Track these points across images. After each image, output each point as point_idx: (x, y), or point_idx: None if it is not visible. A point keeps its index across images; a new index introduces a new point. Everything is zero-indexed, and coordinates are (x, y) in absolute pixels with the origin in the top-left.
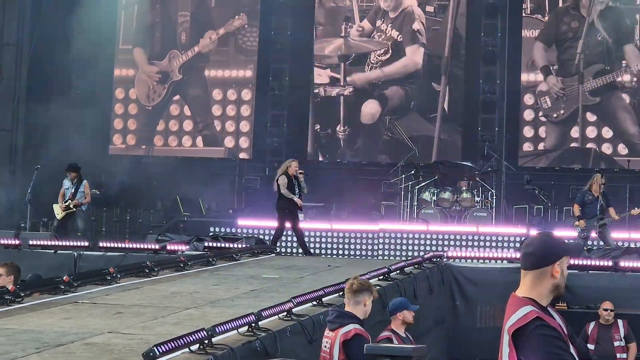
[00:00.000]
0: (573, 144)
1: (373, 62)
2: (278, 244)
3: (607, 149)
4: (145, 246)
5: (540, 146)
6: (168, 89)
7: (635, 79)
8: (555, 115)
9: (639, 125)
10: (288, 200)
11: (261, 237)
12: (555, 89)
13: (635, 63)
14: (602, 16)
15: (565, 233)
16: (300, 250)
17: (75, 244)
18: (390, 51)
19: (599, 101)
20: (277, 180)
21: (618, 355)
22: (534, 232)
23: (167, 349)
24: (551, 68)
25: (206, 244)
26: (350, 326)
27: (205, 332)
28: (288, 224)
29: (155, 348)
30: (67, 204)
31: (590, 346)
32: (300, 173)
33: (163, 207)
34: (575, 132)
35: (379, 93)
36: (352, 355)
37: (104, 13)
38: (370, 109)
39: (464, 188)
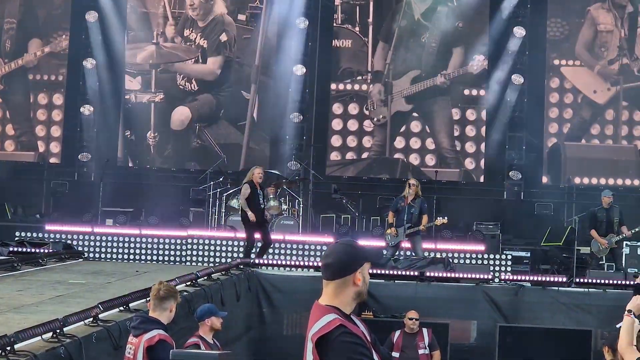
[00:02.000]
0: (381, 154)
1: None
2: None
3: (414, 159)
4: None
5: (349, 155)
6: None
7: (445, 89)
8: (376, 119)
9: (448, 135)
10: (253, 211)
11: (69, 242)
12: (378, 96)
13: (453, 69)
14: (427, 16)
15: (372, 242)
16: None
17: None
18: (200, 60)
19: (413, 108)
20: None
21: None
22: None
23: None
24: (384, 71)
25: (11, 249)
26: (154, 332)
27: (7, 339)
28: (257, 235)
29: None
30: None
31: (395, 354)
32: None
33: None
34: (385, 142)
35: (189, 100)
36: None
37: None
38: (180, 115)
39: (271, 196)
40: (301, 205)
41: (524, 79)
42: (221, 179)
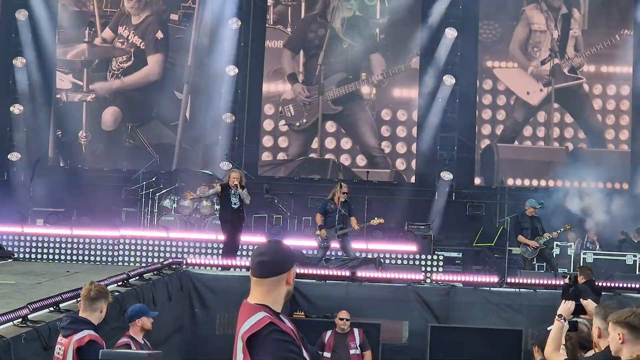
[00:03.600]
0: (312, 155)
1: (115, 69)
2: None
3: (345, 160)
4: None
5: (280, 156)
6: None
7: (374, 90)
8: (297, 124)
9: (377, 136)
10: (225, 212)
11: None
12: (301, 97)
13: (377, 73)
14: (348, 24)
15: (303, 242)
16: None
17: None
18: (133, 58)
19: (341, 110)
20: None
21: None
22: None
23: None
24: (298, 76)
25: None
26: (84, 332)
27: None
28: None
29: None
30: None
31: (327, 354)
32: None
33: None
34: (315, 143)
35: (121, 100)
36: None
37: None
38: (111, 115)
39: (205, 195)
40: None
41: (455, 80)
42: (154, 179)
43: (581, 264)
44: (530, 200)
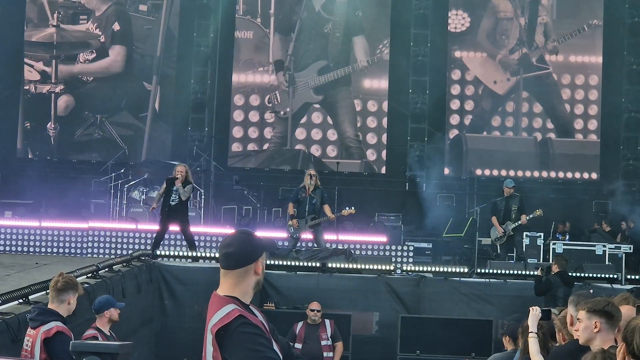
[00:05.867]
0: (283, 146)
1: (82, 61)
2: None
3: (316, 150)
4: None
5: (250, 147)
6: None
7: (354, 75)
8: (282, 112)
9: (352, 125)
10: (164, 207)
11: None
12: (283, 87)
13: (362, 57)
14: (328, 7)
15: (273, 233)
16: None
17: None
18: (95, 51)
19: (323, 99)
20: None
21: (325, 354)
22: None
23: None
24: (284, 64)
25: None
26: (52, 324)
27: None
28: (175, 227)
29: None
30: None
31: (298, 345)
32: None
33: None
34: (286, 133)
35: (88, 91)
36: (54, 354)
37: None
38: (64, 102)
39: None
40: (203, 197)
41: (425, 70)
42: (122, 171)
43: (551, 254)
44: (506, 180)
